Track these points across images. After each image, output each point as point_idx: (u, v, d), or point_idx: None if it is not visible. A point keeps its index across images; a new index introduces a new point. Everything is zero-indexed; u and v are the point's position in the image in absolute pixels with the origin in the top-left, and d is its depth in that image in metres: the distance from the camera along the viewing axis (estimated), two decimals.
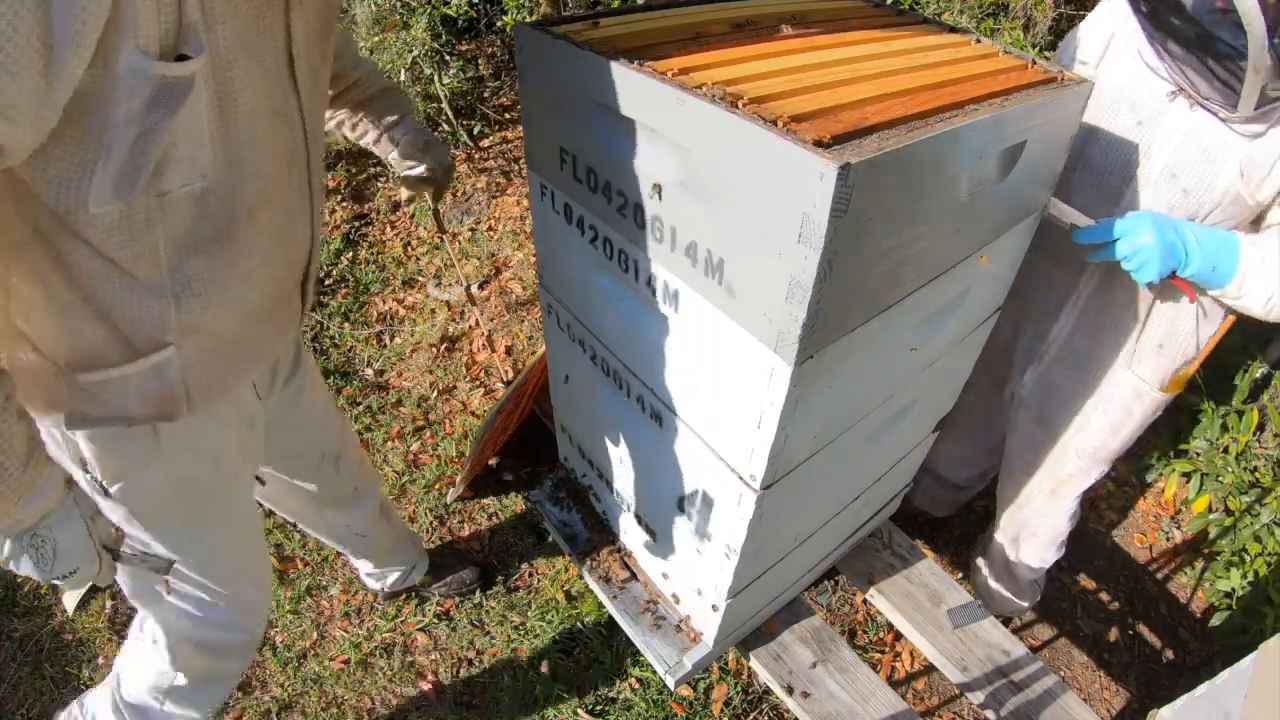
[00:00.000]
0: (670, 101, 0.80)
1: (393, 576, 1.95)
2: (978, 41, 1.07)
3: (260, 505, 1.55)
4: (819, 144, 0.69)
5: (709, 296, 0.90)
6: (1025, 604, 1.94)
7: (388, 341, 2.83)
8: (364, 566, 1.92)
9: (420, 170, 1.40)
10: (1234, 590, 1.90)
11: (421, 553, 2.01)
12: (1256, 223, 1.24)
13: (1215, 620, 1.94)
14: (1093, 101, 1.27)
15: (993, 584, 1.93)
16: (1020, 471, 1.71)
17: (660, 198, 0.88)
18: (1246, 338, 2.02)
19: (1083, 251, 1.25)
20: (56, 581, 0.90)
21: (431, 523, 2.24)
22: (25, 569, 0.87)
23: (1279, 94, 1.05)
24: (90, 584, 0.95)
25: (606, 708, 1.85)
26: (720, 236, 0.84)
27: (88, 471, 1.05)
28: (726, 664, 1.89)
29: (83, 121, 0.72)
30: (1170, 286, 1.26)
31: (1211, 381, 2.10)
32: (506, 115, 3.51)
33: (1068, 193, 1.30)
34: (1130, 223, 1.15)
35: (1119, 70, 1.25)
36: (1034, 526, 1.74)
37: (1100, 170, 1.28)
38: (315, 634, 2.03)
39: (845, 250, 0.74)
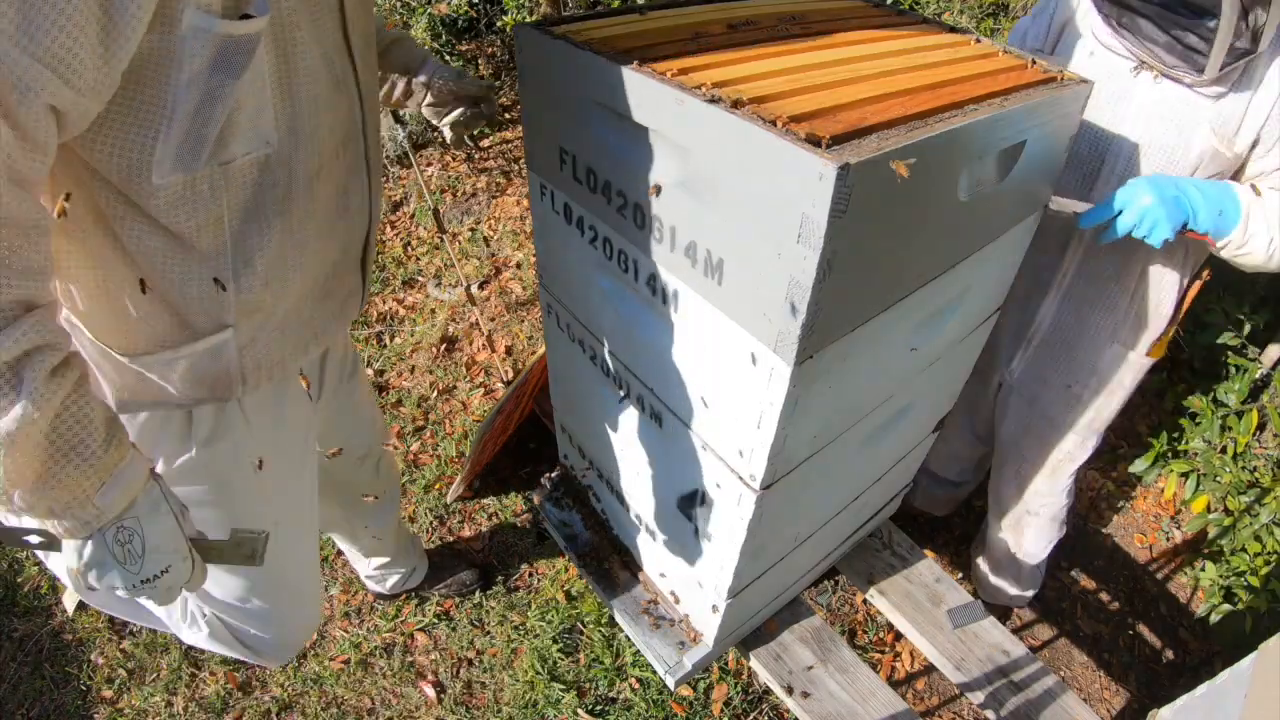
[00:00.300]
0: (670, 102, 0.80)
1: (393, 579, 1.95)
2: (977, 41, 1.07)
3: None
4: (818, 144, 0.69)
5: (708, 296, 0.90)
6: (1027, 594, 1.94)
7: (388, 341, 2.82)
8: (365, 568, 1.92)
9: (459, 111, 1.28)
10: (1215, 583, 1.91)
11: (422, 555, 2.01)
12: (1234, 178, 1.26)
13: (1202, 609, 1.94)
14: None
15: (993, 578, 1.93)
16: (1017, 457, 1.72)
17: (660, 198, 0.88)
18: (1246, 338, 2.02)
19: (1070, 234, 1.27)
20: (145, 592, 0.80)
21: (431, 523, 2.24)
22: (109, 575, 0.78)
23: (1245, 48, 1.08)
24: (180, 590, 0.85)
25: (606, 708, 1.85)
26: (720, 236, 0.83)
27: None
28: (726, 664, 1.89)
29: (144, 89, 0.71)
30: (1177, 242, 1.24)
31: (1209, 380, 2.10)
32: (506, 115, 3.51)
33: None
34: (1129, 190, 1.16)
35: (1077, 54, 1.28)
36: (1035, 508, 1.75)
37: (1074, 155, 1.30)
38: (315, 634, 2.03)
39: (845, 250, 0.74)
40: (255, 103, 0.79)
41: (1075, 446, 1.63)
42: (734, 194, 0.79)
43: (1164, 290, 1.39)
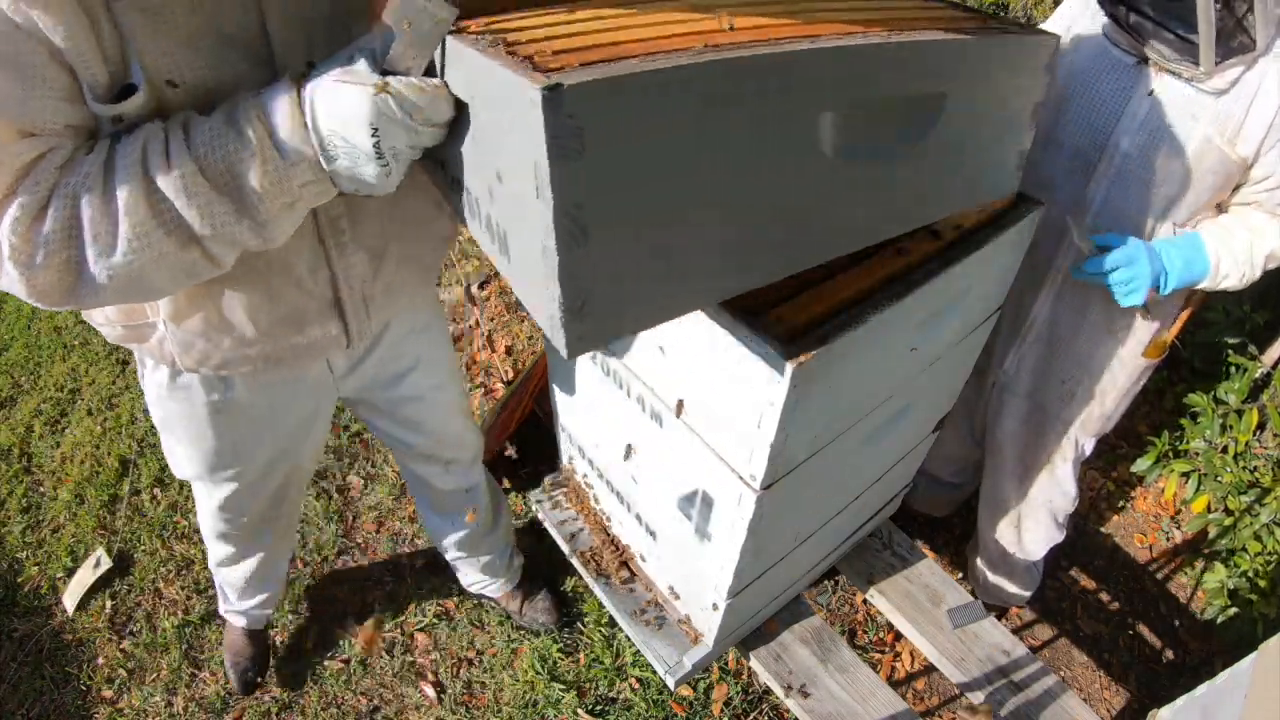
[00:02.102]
0: (450, 49, 0.70)
1: (472, 577, 1.94)
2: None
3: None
4: (544, 71, 0.55)
5: (505, 271, 0.76)
6: (1025, 593, 1.94)
7: None
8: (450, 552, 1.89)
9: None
10: (1223, 585, 1.90)
11: (511, 571, 1.97)
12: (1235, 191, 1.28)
13: (1208, 612, 1.94)
14: (1063, 85, 1.32)
15: (991, 576, 1.92)
16: (1014, 456, 1.71)
17: (463, 162, 0.77)
18: (1246, 337, 2.02)
19: (1066, 230, 1.33)
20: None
21: None
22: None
23: (1241, 42, 1.10)
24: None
25: (606, 708, 1.85)
26: (499, 205, 0.70)
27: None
28: (726, 664, 1.89)
29: None
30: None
31: (1209, 379, 2.09)
32: None
33: (1037, 170, 1.33)
34: (1126, 253, 1.24)
35: (1084, 51, 1.31)
36: (1034, 508, 1.74)
37: (1073, 147, 1.32)
38: (315, 634, 2.03)
39: (606, 205, 0.58)
40: None
41: (1072, 445, 1.63)
42: (492, 152, 0.67)
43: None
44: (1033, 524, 1.76)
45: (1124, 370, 1.49)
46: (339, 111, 0.74)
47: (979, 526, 1.91)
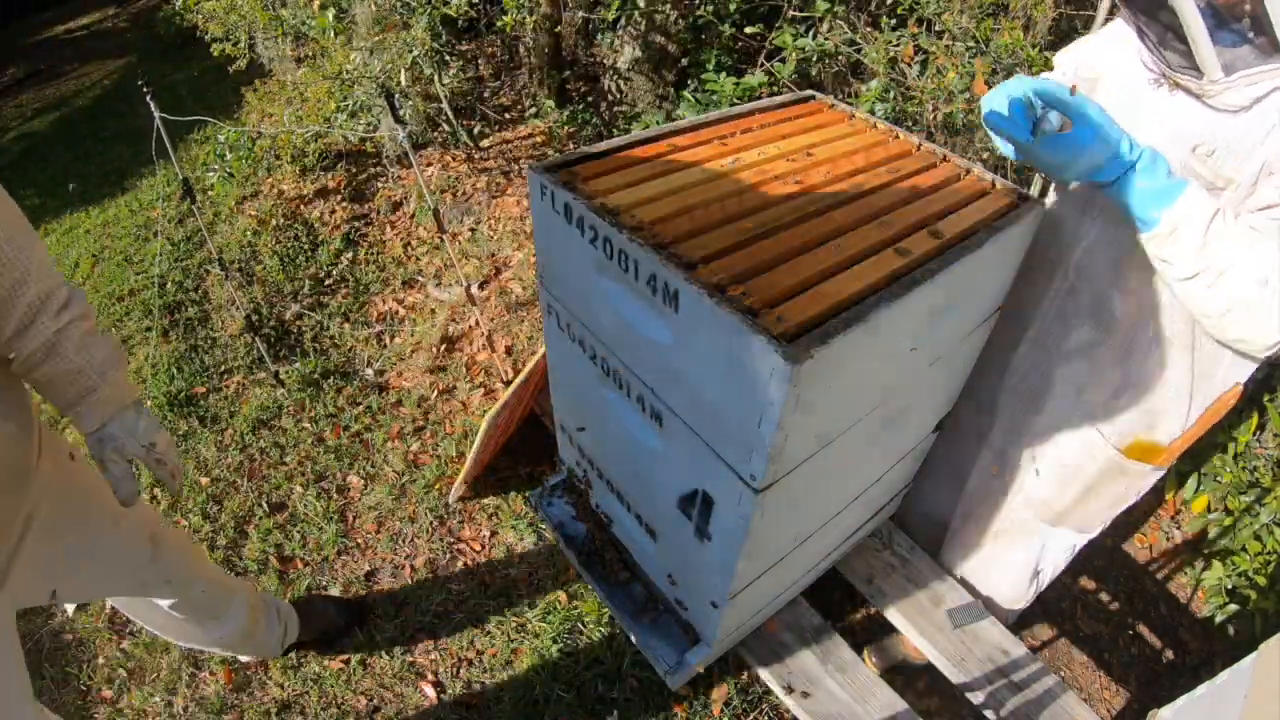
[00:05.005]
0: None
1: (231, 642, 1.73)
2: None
3: None
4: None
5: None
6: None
7: (388, 341, 2.83)
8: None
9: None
10: (1222, 583, 1.90)
11: (280, 616, 1.85)
12: None
13: (1207, 610, 1.94)
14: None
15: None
16: (974, 506, 1.55)
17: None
18: None
19: (1056, 267, 1.20)
20: None
21: (432, 523, 2.24)
22: None
23: (1233, 52, 0.91)
24: None
25: (606, 708, 1.85)
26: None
27: None
28: (727, 664, 1.89)
29: None
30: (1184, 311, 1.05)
31: None
32: (506, 115, 3.51)
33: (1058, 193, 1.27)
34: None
35: (1122, 74, 1.13)
36: (985, 576, 1.58)
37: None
38: (315, 633, 2.03)
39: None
40: None
41: (1021, 525, 1.44)
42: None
43: (1164, 372, 1.15)
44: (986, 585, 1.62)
45: (1093, 461, 1.34)
46: None
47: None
